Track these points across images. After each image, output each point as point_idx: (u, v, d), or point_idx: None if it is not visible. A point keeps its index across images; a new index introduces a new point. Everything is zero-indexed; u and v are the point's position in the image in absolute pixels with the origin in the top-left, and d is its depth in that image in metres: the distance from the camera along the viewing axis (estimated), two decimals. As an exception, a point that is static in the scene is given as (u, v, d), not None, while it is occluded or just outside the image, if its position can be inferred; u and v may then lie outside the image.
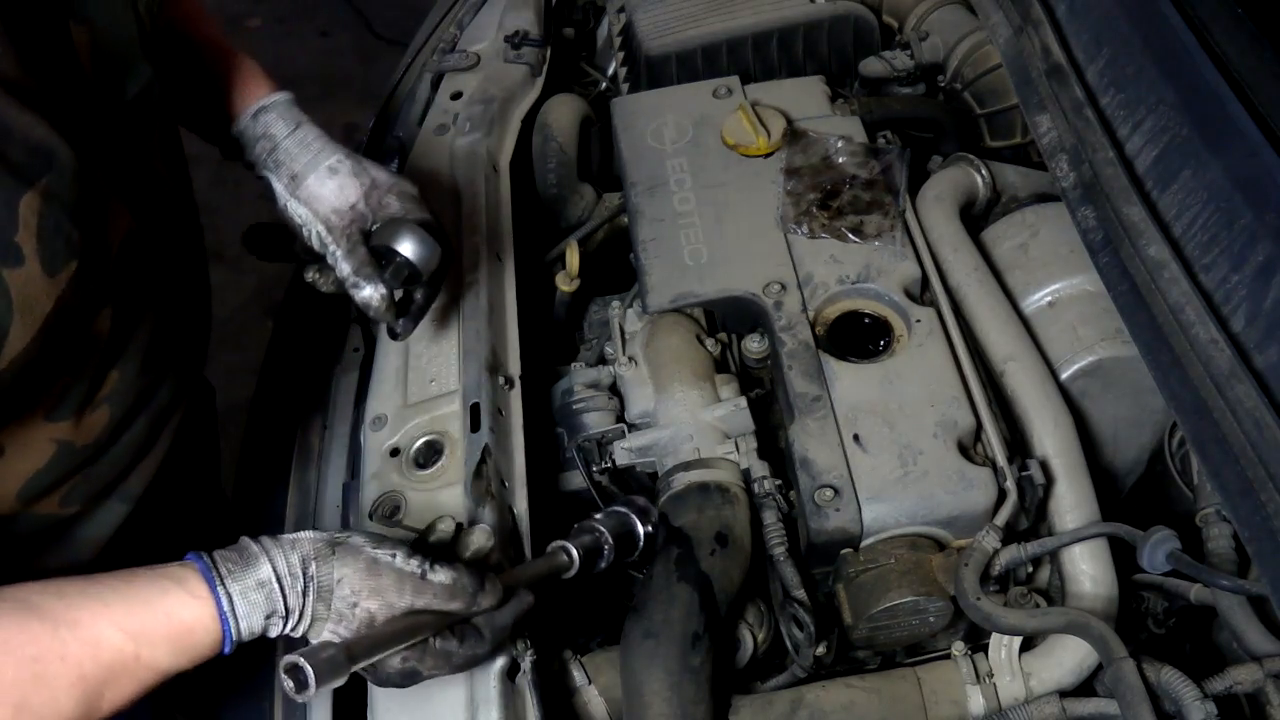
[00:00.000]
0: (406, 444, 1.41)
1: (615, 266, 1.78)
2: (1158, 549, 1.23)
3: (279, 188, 1.34)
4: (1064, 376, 1.48)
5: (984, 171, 1.69)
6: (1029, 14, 1.58)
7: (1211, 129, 1.26)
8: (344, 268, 1.31)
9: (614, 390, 1.57)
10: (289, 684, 0.98)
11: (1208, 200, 1.23)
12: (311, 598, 1.02)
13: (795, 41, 1.97)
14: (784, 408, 1.44)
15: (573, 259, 1.68)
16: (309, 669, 0.97)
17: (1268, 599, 1.21)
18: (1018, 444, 1.41)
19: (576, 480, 1.51)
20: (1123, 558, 1.33)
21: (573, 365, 1.63)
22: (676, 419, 1.46)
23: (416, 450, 1.40)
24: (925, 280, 1.54)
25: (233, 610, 0.99)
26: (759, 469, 1.42)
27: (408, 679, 1.08)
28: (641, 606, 1.29)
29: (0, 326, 0.92)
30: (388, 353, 1.53)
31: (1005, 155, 1.85)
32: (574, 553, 1.25)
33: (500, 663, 1.19)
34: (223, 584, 0.99)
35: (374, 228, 1.33)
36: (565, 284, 1.69)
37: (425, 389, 1.46)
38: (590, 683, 1.31)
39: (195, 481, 1.59)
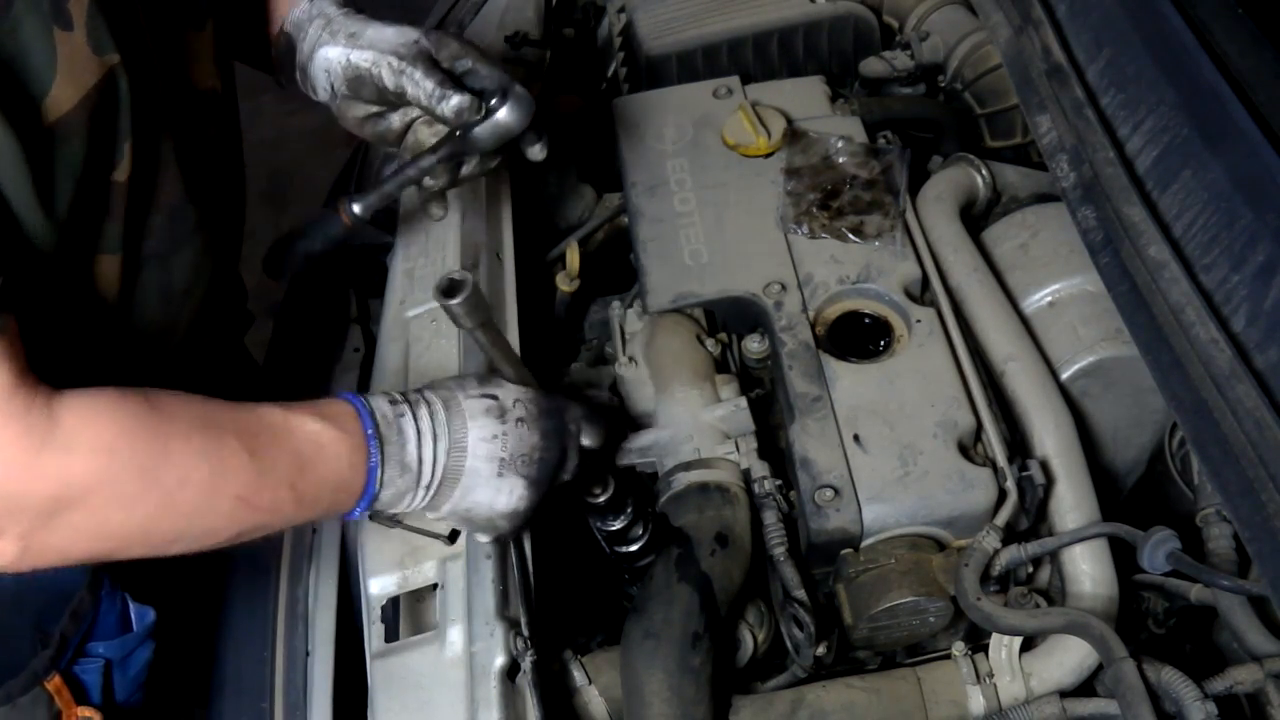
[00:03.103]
0: (407, 444, 1.40)
1: (615, 266, 1.78)
2: (1158, 549, 1.23)
3: (337, 52, 1.33)
4: (1064, 376, 1.48)
5: (984, 172, 1.69)
6: (1029, 14, 1.58)
7: (1212, 129, 1.26)
8: (427, 84, 1.27)
9: (614, 390, 1.57)
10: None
11: (1208, 200, 1.23)
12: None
13: (795, 41, 1.97)
14: (784, 408, 1.44)
15: (573, 259, 1.68)
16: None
17: (1268, 599, 1.21)
18: (1018, 444, 1.41)
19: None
20: (1123, 558, 1.33)
21: (573, 365, 1.63)
22: (677, 419, 1.46)
23: (417, 450, 1.40)
24: (925, 280, 1.54)
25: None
26: (759, 469, 1.42)
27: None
28: (642, 606, 1.29)
29: (42, 81, 0.97)
30: (388, 352, 1.53)
31: (1005, 155, 1.85)
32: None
33: (500, 662, 1.19)
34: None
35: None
36: (565, 284, 1.69)
37: (425, 389, 1.45)
38: (590, 683, 1.31)
39: None
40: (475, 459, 1.14)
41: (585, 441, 1.24)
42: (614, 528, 1.34)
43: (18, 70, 0.95)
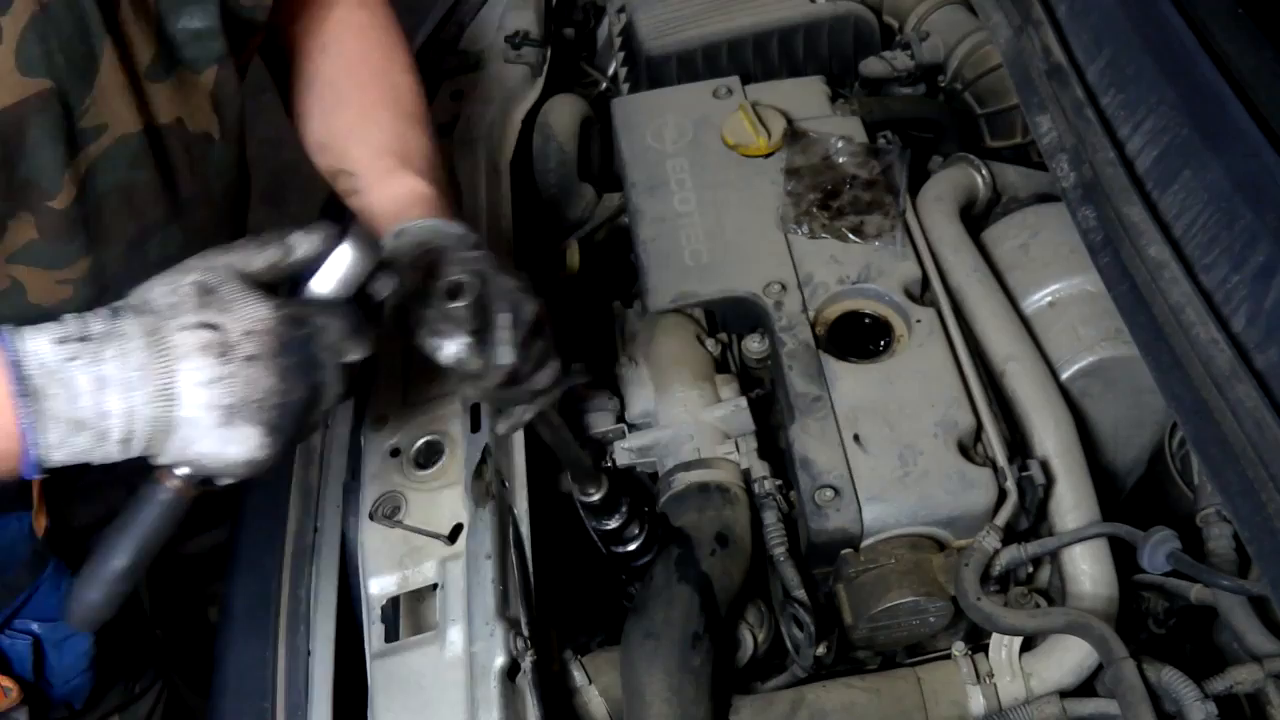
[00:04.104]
0: (407, 444, 1.41)
1: (615, 266, 1.78)
2: (1158, 549, 1.23)
3: None
4: (1064, 376, 1.48)
5: (984, 172, 1.69)
6: (1029, 14, 1.58)
7: (1211, 129, 1.26)
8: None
9: (614, 390, 1.57)
10: None
11: (1208, 200, 1.23)
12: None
13: (795, 41, 1.97)
14: (784, 408, 1.44)
15: (573, 259, 1.68)
16: None
17: (1268, 599, 1.21)
18: (1018, 444, 1.41)
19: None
20: (1123, 558, 1.33)
21: (572, 365, 1.62)
22: (677, 419, 1.46)
23: (417, 450, 1.40)
24: (925, 280, 1.54)
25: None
26: (759, 469, 1.42)
27: None
28: (642, 606, 1.30)
29: None
30: (388, 353, 1.53)
31: (1005, 155, 1.85)
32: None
33: (500, 662, 1.19)
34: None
35: None
36: (565, 284, 1.69)
37: (426, 389, 1.46)
38: (590, 683, 1.31)
39: None
40: (191, 408, 0.92)
41: (351, 356, 0.99)
42: (609, 527, 1.34)
43: None
